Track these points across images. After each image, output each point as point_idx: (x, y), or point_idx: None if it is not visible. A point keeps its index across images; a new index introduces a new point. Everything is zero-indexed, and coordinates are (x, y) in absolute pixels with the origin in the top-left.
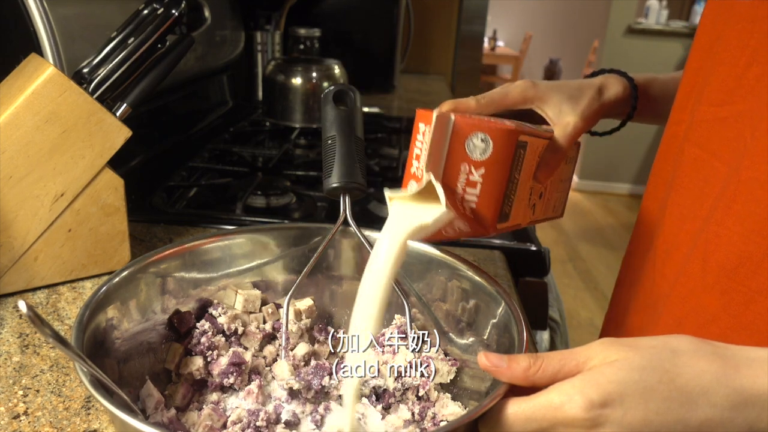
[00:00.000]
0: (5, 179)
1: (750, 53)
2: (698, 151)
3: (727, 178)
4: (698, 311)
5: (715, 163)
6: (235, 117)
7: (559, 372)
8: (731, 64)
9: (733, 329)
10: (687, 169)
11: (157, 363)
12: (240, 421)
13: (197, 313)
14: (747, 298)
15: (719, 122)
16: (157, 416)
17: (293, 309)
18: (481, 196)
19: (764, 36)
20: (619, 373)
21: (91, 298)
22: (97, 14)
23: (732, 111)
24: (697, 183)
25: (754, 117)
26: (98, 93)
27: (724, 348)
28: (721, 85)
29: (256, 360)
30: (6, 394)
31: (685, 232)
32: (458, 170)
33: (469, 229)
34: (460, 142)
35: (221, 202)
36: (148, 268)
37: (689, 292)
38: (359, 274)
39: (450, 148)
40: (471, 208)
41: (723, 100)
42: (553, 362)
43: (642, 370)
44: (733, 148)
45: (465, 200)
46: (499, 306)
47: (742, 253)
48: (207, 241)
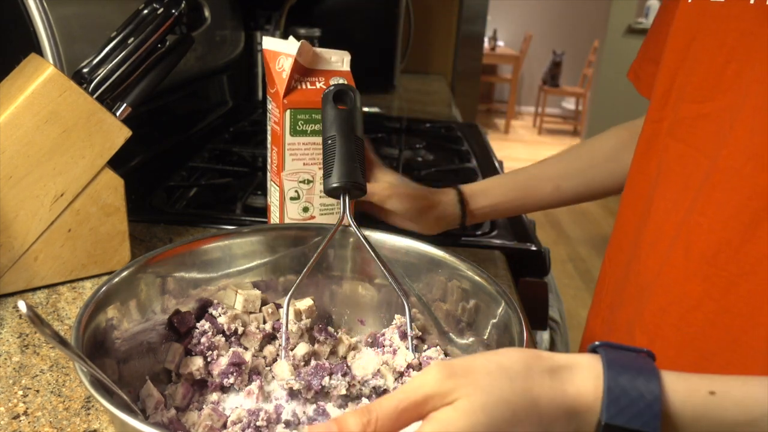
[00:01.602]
0: (5, 179)
1: (727, 51)
2: (683, 147)
3: (708, 170)
4: (682, 299)
5: (698, 157)
6: (235, 117)
7: (399, 420)
8: (710, 62)
9: (716, 313)
10: (672, 164)
11: (157, 363)
12: (240, 421)
13: (197, 313)
14: (728, 282)
15: (702, 118)
16: (157, 416)
17: (293, 309)
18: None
19: (740, 34)
20: (463, 418)
21: (91, 298)
22: (97, 14)
23: (713, 107)
24: (681, 177)
25: (733, 111)
26: (98, 93)
27: (549, 358)
28: (701, 83)
29: (256, 360)
30: (6, 394)
31: (670, 224)
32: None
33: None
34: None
35: (221, 202)
36: (148, 268)
37: (672, 281)
38: (359, 274)
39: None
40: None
41: (704, 96)
42: (388, 411)
43: (484, 409)
44: (714, 141)
45: None
46: (499, 306)
47: (721, 240)
48: (207, 241)
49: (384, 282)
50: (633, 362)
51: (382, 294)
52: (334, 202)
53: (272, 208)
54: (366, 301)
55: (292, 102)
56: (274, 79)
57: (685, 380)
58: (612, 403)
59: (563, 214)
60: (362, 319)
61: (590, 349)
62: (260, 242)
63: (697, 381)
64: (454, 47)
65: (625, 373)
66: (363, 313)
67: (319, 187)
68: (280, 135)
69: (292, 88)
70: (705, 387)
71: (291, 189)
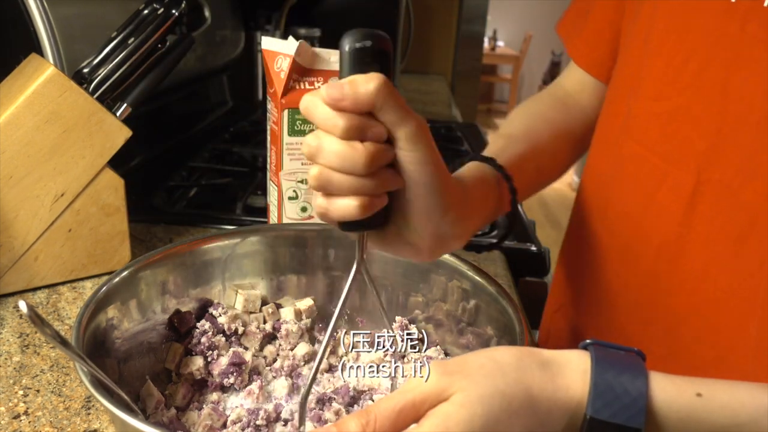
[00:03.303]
0: (5, 179)
1: (688, 47)
2: (637, 147)
3: (667, 175)
4: (667, 313)
5: (649, 157)
6: (235, 117)
7: (397, 420)
8: (668, 57)
9: (703, 330)
10: (625, 162)
11: (157, 363)
12: (240, 421)
13: (197, 313)
14: (716, 297)
15: (655, 117)
16: (158, 416)
17: (293, 309)
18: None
19: (702, 31)
20: (461, 411)
21: (91, 298)
22: (97, 14)
23: (667, 106)
24: (634, 177)
25: (691, 112)
26: (98, 93)
27: (540, 353)
28: (657, 79)
29: (256, 360)
30: (6, 393)
31: (628, 226)
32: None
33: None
34: None
35: (221, 202)
36: (148, 268)
37: (656, 294)
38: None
39: None
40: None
41: (658, 94)
42: (387, 412)
43: (481, 400)
44: (671, 144)
45: None
46: (499, 306)
47: (711, 254)
48: (207, 241)
49: (384, 282)
50: (622, 360)
51: (383, 294)
52: None
53: (271, 207)
54: (366, 301)
55: (290, 102)
56: (273, 79)
57: (672, 381)
58: (598, 398)
59: (563, 214)
60: (362, 319)
61: (581, 347)
62: (260, 242)
63: (685, 383)
64: (454, 47)
65: (612, 369)
66: (363, 313)
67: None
68: (278, 135)
69: (291, 88)
70: (692, 389)
71: (289, 189)
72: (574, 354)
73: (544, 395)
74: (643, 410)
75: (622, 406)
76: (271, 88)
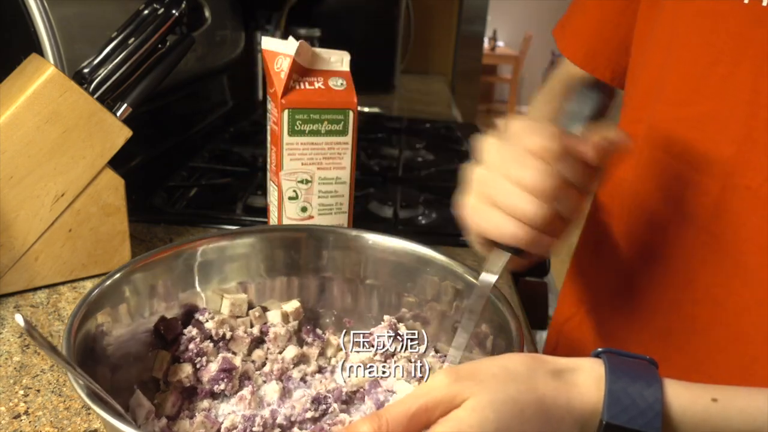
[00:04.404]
0: (6, 179)
1: (715, 52)
2: (660, 153)
3: (692, 181)
4: (686, 321)
5: (674, 164)
6: (235, 117)
7: (409, 425)
8: (692, 62)
9: (727, 339)
10: (647, 169)
11: (145, 371)
12: (235, 428)
13: (183, 319)
14: (741, 307)
15: (679, 122)
16: (149, 426)
17: (280, 312)
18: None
19: (729, 35)
20: (473, 415)
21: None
22: (97, 14)
23: (693, 112)
24: (657, 184)
25: (718, 117)
26: (99, 93)
27: (552, 361)
28: (681, 85)
29: (245, 365)
30: (7, 393)
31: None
32: None
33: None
34: None
35: (221, 202)
36: (136, 272)
37: (677, 303)
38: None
39: None
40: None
41: (683, 100)
42: (398, 416)
43: (492, 406)
44: (697, 150)
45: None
46: (493, 305)
47: (736, 263)
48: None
49: (373, 283)
50: (635, 367)
51: (371, 295)
52: (332, 202)
53: (271, 207)
54: (354, 301)
55: (290, 102)
56: (273, 79)
57: (686, 387)
58: (614, 403)
59: None
60: (349, 320)
61: (593, 355)
62: (252, 244)
63: (700, 389)
64: (454, 47)
65: (627, 376)
66: (350, 313)
67: (317, 187)
68: (278, 135)
69: (291, 88)
70: (708, 395)
71: (289, 189)
72: (586, 362)
73: (557, 403)
74: (660, 415)
75: (638, 411)
76: (271, 88)
